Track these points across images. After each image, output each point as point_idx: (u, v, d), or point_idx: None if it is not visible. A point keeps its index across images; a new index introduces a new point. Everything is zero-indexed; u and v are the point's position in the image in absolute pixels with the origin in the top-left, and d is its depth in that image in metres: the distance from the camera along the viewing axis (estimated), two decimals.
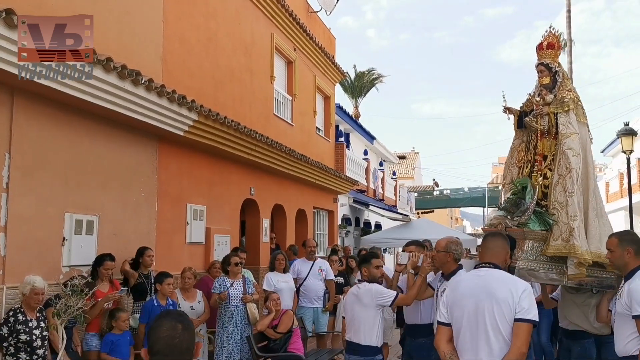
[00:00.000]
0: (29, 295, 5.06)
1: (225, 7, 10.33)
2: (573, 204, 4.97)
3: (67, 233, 6.25)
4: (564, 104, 5.28)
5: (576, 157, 5.08)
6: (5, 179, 5.50)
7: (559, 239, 4.98)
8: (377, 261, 5.30)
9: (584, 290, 5.24)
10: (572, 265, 4.90)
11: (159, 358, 2.11)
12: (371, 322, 4.98)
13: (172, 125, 7.63)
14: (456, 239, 5.06)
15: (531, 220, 5.09)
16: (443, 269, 4.95)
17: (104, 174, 6.89)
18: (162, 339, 2.12)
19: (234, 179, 10.29)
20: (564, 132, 5.20)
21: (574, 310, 5.39)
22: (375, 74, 34.01)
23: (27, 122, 5.77)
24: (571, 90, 5.43)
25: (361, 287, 5.17)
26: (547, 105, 5.41)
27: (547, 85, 5.51)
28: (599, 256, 4.93)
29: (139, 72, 6.51)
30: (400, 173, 37.76)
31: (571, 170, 5.04)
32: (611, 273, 5.00)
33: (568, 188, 5.03)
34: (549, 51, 5.59)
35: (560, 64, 5.62)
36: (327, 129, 16.65)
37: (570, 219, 4.95)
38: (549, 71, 5.53)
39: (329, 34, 16.93)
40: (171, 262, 7.86)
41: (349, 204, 18.75)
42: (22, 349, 4.99)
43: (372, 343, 4.98)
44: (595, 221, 5.14)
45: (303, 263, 9.11)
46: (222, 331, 6.86)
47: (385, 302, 5.05)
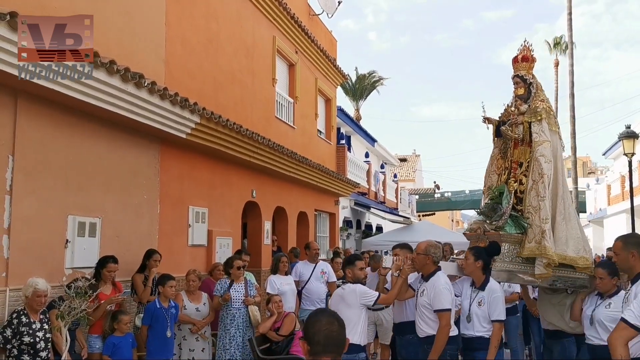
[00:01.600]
0: (32, 297, 5.07)
1: (227, 10, 10.35)
2: (545, 207, 5.31)
3: (70, 235, 6.26)
4: (537, 114, 5.63)
5: (548, 164, 5.42)
6: (9, 181, 5.52)
7: (533, 241, 5.32)
8: (360, 263, 5.56)
9: (560, 291, 5.55)
10: (541, 265, 5.25)
11: (319, 348, 2.42)
12: (354, 321, 5.10)
13: (174, 127, 7.65)
14: (435, 242, 5.41)
15: (507, 224, 5.45)
16: (422, 270, 5.28)
17: (106, 176, 6.90)
18: (322, 332, 2.43)
19: (235, 181, 10.30)
20: (537, 139, 5.55)
21: (551, 311, 5.68)
22: (376, 76, 34.05)
23: (31, 124, 5.78)
24: (544, 101, 5.80)
25: (346, 288, 5.37)
26: (521, 115, 5.76)
27: (522, 95, 5.87)
28: (563, 258, 5.28)
29: (142, 74, 6.53)
30: (401, 176, 37.77)
31: (543, 176, 5.38)
32: (582, 273, 5.35)
33: (540, 193, 5.36)
34: (524, 64, 5.95)
35: (534, 76, 5.98)
36: (328, 132, 16.66)
37: (542, 222, 5.29)
38: (524, 83, 5.88)
39: (331, 36, 16.95)
40: (173, 264, 7.86)
41: (350, 206, 18.75)
42: (26, 351, 5.00)
43: (354, 341, 5.08)
44: (562, 225, 5.44)
45: (305, 265, 9.10)
46: (224, 334, 6.86)
47: (368, 301, 5.26)
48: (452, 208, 41.40)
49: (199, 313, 6.91)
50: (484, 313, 5.09)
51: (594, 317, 4.93)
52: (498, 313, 5.08)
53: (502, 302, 5.17)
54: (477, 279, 5.25)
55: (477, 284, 5.24)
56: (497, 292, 5.13)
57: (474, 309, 5.14)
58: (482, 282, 5.21)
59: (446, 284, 5.05)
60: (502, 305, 5.15)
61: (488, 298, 5.09)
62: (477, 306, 5.13)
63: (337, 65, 16.52)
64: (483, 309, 5.09)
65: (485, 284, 5.18)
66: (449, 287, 5.07)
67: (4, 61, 4.89)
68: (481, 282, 5.21)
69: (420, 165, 47.12)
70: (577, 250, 5.39)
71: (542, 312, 5.93)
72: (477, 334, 5.11)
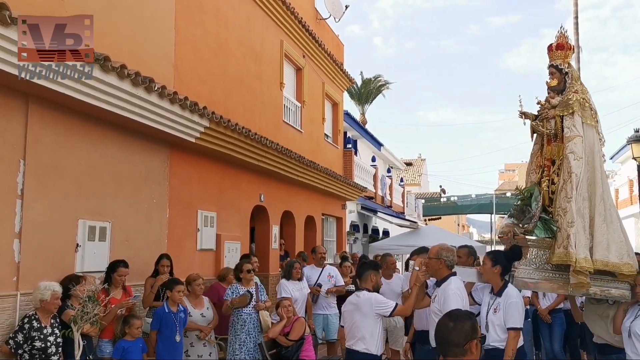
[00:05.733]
0: (50, 300, 5.06)
1: (236, 15, 10.37)
2: (571, 210, 4.87)
3: (81, 239, 6.25)
4: (568, 106, 5.18)
5: (577, 161, 4.97)
6: (20, 185, 5.52)
7: (561, 247, 4.86)
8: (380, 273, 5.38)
9: (604, 301, 5.08)
10: (572, 273, 4.76)
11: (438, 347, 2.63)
12: (370, 331, 4.98)
13: (183, 132, 7.65)
14: (449, 246, 5.04)
15: (537, 228, 5.02)
16: (436, 275, 4.96)
17: (116, 181, 6.90)
18: (437, 332, 2.64)
19: (244, 185, 10.29)
20: (567, 135, 5.10)
21: (598, 322, 5.21)
22: (382, 80, 34.08)
23: (42, 129, 5.79)
24: (577, 92, 5.28)
25: (360, 296, 5.17)
26: (553, 109, 5.32)
27: (555, 87, 5.43)
28: (605, 264, 4.77)
29: (152, 79, 6.53)
30: (407, 180, 37.69)
31: (571, 175, 4.94)
32: (624, 283, 4.86)
33: (568, 193, 4.93)
34: (559, 52, 5.48)
35: (570, 65, 5.49)
36: (335, 136, 16.65)
37: (568, 225, 4.84)
38: (559, 72, 5.41)
39: (338, 40, 16.95)
40: (182, 268, 7.83)
41: (357, 210, 18.71)
42: (37, 356, 4.99)
43: (370, 351, 4.97)
44: (602, 227, 4.94)
45: (312, 270, 9.09)
46: (234, 339, 6.83)
47: (384, 312, 5.05)
48: (458, 212, 41.37)
49: (204, 319, 6.86)
50: (499, 320, 4.76)
51: (631, 330, 4.57)
52: (513, 320, 4.71)
53: (519, 309, 4.79)
54: (495, 284, 4.95)
55: (495, 290, 4.95)
56: (513, 298, 4.78)
57: (490, 317, 4.83)
58: (499, 288, 4.91)
59: (457, 290, 4.73)
60: (519, 312, 4.77)
61: (504, 304, 4.77)
62: (492, 313, 4.82)
63: (344, 69, 16.51)
64: (498, 316, 4.77)
65: (502, 289, 4.87)
66: (460, 293, 4.75)
67: (15, 65, 4.87)
68: (499, 288, 4.91)
69: (425, 170, 47.07)
70: (621, 255, 4.86)
71: (589, 324, 5.42)
72: (494, 344, 4.75)
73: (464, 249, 5.95)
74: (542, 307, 7.96)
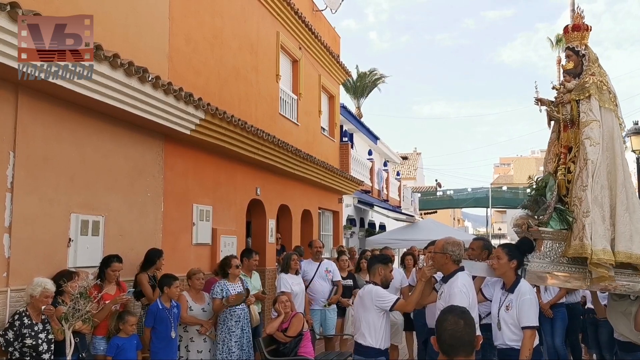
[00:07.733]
0: (39, 297, 4.90)
1: (231, 5, 10.19)
2: (586, 198, 4.60)
3: (73, 234, 6.08)
4: (584, 90, 4.93)
5: (593, 147, 4.71)
6: (10, 178, 5.35)
7: (577, 238, 4.60)
8: (392, 265, 5.24)
9: (625, 297, 4.86)
10: (590, 266, 4.51)
11: (446, 348, 2.49)
12: (373, 324, 4.90)
13: (178, 123, 7.48)
14: (455, 239, 4.77)
15: (552, 219, 4.77)
16: (442, 270, 4.70)
17: (109, 174, 6.73)
18: (447, 331, 2.50)
19: (239, 179, 10.14)
20: (583, 120, 4.84)
21: (621, 319, 5.00)
22: (377, 74, 33.92)
23: (32, 120, 5.61)
24: (594, 74, 5.02)
25: (365, 289, 5.13)
26: (568, 93, 5.07)
27: (570, 70, 5.18)
28: (629, 257, 4.52)
29: (146, 69, 6.36)
30: (403, 173, 37.57)
31: (587, 162, 4.68)
32: None
33: (584, 181, 4.68)
34: (575, 33, 5.23)
35: (588, 47, 5.21)
36: (331, 129, 16.49)
37: (583, 215, 4.58)
38: (576, 55, 5.16)
39: (334, 32, 16.78)
40: (178, 263, 7.70)
41: (353, 204, 18.60)
42: (28, 353, 4.84)
43: (373, 344, 4.90)
44: (625, 217, 4.65)
45: (309, 264, 8.98)
46: (228, 336, 6.68)
47: (384, 305, 4.90)
48: (454, 206, 41.27)
49: (205, 314, 6.76)
50: (512, 319, 4.47)
51: None
52: (527, 318, 4.40)
53: (534, 306, 4.48)
54: (508, 280, 4.64)
55: (506, 286, 4.64)
56: (526, 294, 4.47)
57: (501, 315, 4.54)
58: (512, 284, 4.61)
59: (463, 287, 4.41)
60: (533, 309, 4.46)
61: (516, 301, 4.46)
62: (505, 311, 4.52)
63: (340, 61, 16.35)
64: (511, 314, 4.47)
65: (515, 285, 4.57)
66: (466, 290, 4.42)
67: (4, 54, 4.71)
68: (511, 284, 4.61)
69: (421, 163, 46.97)
70: None
71: (612, 321, 5.18)
72: (509, 344, 4.49)
73: (479, 242, 5.71)
74: (543, 302, 7.86)
